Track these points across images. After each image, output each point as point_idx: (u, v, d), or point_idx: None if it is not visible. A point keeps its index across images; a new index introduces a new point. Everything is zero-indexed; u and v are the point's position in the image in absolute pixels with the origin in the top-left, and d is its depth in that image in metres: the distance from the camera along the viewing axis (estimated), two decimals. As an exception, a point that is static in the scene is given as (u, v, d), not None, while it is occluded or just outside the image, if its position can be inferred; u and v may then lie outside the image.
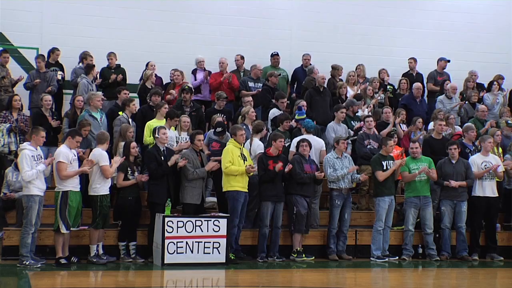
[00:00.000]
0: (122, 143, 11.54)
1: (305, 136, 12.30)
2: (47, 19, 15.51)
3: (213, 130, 12.44)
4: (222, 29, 16.48)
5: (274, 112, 13.55)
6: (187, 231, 10.91)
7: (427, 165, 12.29)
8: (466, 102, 15.53)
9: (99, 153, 10.87)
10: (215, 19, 16.52)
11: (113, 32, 15.73)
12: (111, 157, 11.15)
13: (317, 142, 12.46)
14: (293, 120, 13.01)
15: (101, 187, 10.83)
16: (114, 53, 14.66)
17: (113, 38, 15.60)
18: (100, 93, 13.11)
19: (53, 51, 14.63)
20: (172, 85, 14.43)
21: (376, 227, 12.11)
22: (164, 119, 12.24)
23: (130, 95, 13.25)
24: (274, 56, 15.85)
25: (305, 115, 13.04)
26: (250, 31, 16.60)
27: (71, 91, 14.32)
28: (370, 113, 14.05)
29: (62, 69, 14.57)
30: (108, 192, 10.94)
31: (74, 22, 15.56)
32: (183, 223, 10.93)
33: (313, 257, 11.93)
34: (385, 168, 12.13)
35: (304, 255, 11.77)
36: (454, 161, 12.48)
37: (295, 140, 12.28)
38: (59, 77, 14.17)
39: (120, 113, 12.56)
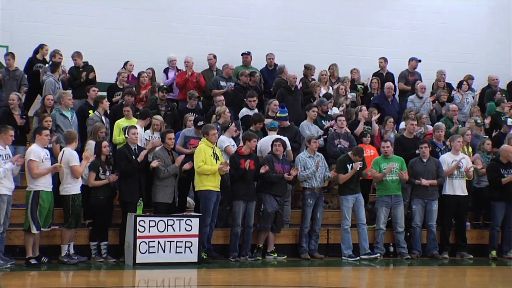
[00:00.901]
0: (91, 142, 11.46)
1: (275, 135, 12.33)
2: (17, 17, 15.35)
3: (187, 129, 12.38)
4: (195, 28, 16.44)
5: (243, 112, 13.56)
6: (159, 231, 10.87)
7: (399, 165, 12.37)
8: (436, 101, 15.68)
9: (69, 153, 10.78)
10: (188, 18, 16.48)
11: (84, 30, 15.60)
12: (81, 156, 11.07)
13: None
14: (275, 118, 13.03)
15: (72, 187, 10.74)
16: (79, 52, 14.46)
17: (84, 37, 15.47)
18: (70, 91, 13.00)
19: (41, 47, 14.45)
20: (142, 85, 14.35)
21: (343, 226, 12.18)
22: (134, 119, 12.18)
23: (100, 94, 13.14)
24: (245, 55, 15.86)
25: (287, 113, 13.06)
26: (223, 30, 16.59)
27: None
28: (342, 113, 14.11)
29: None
30: (80, 192, 10.85)
31: (45, 20, 15.42)
32: (155, 222, 10.89)
33: (285, 256, 11.96)
34: (349, 170, 12.18)
35: (276, 254, 11.79)
36: (425, 160, 12.59)
37: (262, 140, 12.29)
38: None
39: (91, 111, 12.47)
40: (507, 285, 10.72)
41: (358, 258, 12.11)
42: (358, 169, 12.08)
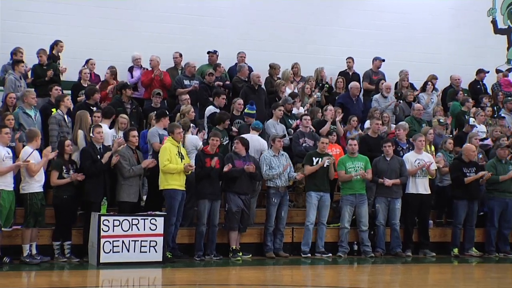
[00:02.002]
0: (81, 131, 11.36)
1: (245, 135, 12.34)
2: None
3: (153, 127, 12.31)
4: (160, 26, 16.34)
5: (210, 109, 13.54)
6: (123, 230, 10.80)
7: (363, 164, 12.46)
8: (401, 101, 15.82)
9: (25, 151, 10.64)
10: (153, 16, 16.39)
11: (48, 28, 15.41)
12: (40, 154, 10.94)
13: (260, 143, 12.54)
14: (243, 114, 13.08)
15: (31, 185, 10.60)
16: (44, 49, 14.33)
17: (49, 34, 15.27)
18: (33, 89, 12.85)
19: (56, 43, 14.43)
20: (106, 83, 14.24)
21: (305, 223, 12.25)
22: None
23: (65, 92, 13.02)
24: (211, 54, 15.84)
25: (255, 110, 13.08)
26: (189, 29, 16.53)
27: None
28: (307, 112, 14.17)
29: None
30: (41, 190, 10.71)
31: (9, 17, 15.20)
32: (119, 221, 10.81)
33: (250, 255, 11.97)
34: (315, 163, 12.25)
35: (241, 253, 11.81)
36: (388, 159, 12.70)
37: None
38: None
39: (54, 110, 12.35)
40: (469, 282, 10.87)
41: (321, 256, 12.20)
42: (325, 165, 12.13)
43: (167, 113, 12.33)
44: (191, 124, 12.56)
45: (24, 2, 15.42)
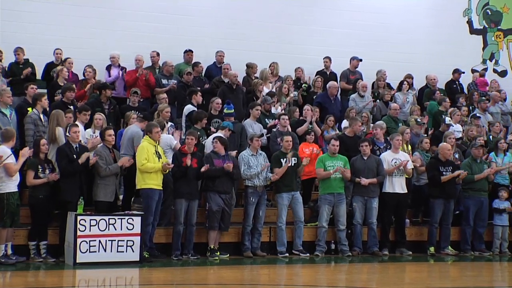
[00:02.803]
0: (60, 129, 11.28)
1: (218, 133, 12.34)
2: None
3: (132, 126, 12.25)
4: (137, 25, 16.29)
5: (189, 108, 13.52)
6: (100, 230, 10.75)
7: (342, 163, 12.51)
8: (378, 100, 15.91)
9: (3, 151, 10.54)
10: (130, 15, 16.33)
11: (25, 26, 15.31)
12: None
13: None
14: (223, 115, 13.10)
15: (7, 185, 10.49)
16: (22, 48, 14.23)
17: (25, 33, 15.19)
18: (8, 88, 12.74)
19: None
20: (85, 82, 14.17)
21: (278, 224, 12.27)
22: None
23: (39, 91, 12.90)
24: (187, 53, 15.81)
25: (233, 110, 13.08)
26: (166, 28, 16.49)
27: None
28: (284, 111, 14.19)
29: None
30: (16, 190, 10.61)
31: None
32: (96, 221, 10.76)
33: (228, 254, 11.97)
34: (284, 164, 12.28)
35: (218, 253, 11.80)
36: (365, 158, 12.75)
37: (210, 138, 12.30)
38: None
39: (30, 109, 12.24)
40: (444, 281, 10.94)
41: (300, 255, 12.23)
42: (292, 163, 12.14)
43: (149, 115, 12.27)
44: (170, 123, 12.54)
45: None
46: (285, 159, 12.28)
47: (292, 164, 12.26)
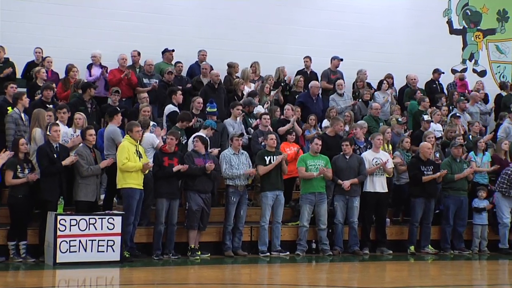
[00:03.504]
0: (39, 129, 11.20)
1: (199, 133, 12.33)
2: None
3: (110, 125, 12.20)
4: (119, 24, 16.23)
5: (169, 108, 13.49)
6: (80, 230, 10.71)
7: (324, 163, 12.53)
8: (360, 100, 15.96)
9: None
10: (112, 14, 16.27)
11: (5, 25, 15.19)
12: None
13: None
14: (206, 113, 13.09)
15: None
16: (3, 46, 14.14)
17: (6, 31, 15.07)
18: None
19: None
20: (67, 80, 14.09)
21: (260, 223, 12.28)
22: None
23: (19, 90, 12.80)
24: (168, 52, 15.78)
25: (216, 108, 13.07)
26: (147, 27, 16.43)
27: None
28: (266, 111, 14.21)
29: None
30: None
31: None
32: (77, 221, 10.71)
33: (209, 254, 11.96)
34: (267, 163, 12.30)
35: (199, 252, 11.79)
36: (347, 157, 12.79)
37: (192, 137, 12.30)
38: None
39: (9, 108, 12.15)
40: (425, 279, 11.00)
41: (279, 254, 12.26)
42: (283, 158, 12.18)
43: (118, 109, 12.25)
44: (153, 123, 12.49)
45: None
46: (269, 158, 12.29)
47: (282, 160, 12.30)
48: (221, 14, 17.15)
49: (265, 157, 12.32)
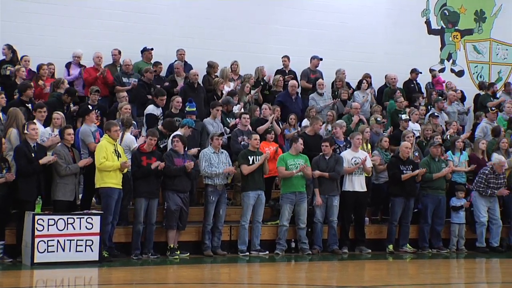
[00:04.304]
0: (13, 130, 11.12)
1: (177, 132, 12.32)
2: None
3: (83, 126, 12.13)
4: (99, 23, 16.14)
5: (149, 109, 13.46)
6: (58, 229, 10.64)
7: (304, 162, 12.56)
8: (339, 99, 16.01)
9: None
10: (92, 12, 16.16)
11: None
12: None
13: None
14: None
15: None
16: None
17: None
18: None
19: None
20: (38, 77, 13.97)
21: (241, 222, 12.29)
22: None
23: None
24: (147, 51, 15.73)
25: (195, 108, 13.05)
26: (127, 26, 16.36)
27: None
28: (242, 110, 14.21)
29: None
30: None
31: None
32: (55, 221, 10.65)
33: (188, 253, 11.94)
34: (251, 162, 12.31)
35: (179, 252, 11.76)
36: (327, 157, 12.82)
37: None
38: None
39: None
40: (403, 278, 11.07)
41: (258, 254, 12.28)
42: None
43: (90, 108, 12.20)
44: (133, 123, 12.45)
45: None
46: (253, 157, 12.29)
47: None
48: (202, 13, 17.11)
49: (249, 157, 12.33)
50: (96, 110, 12.92)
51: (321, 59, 16.90)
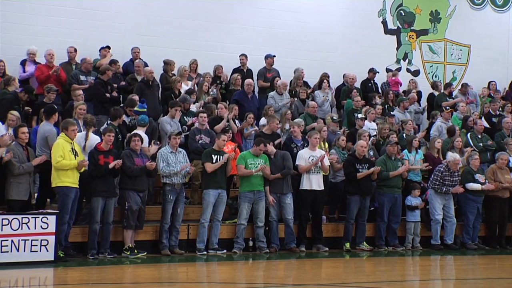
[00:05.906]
0: None
1: (137, 131, 12.24)
2: None
3: (43, 123, 11.99)
4: (54, 20, 15.95)
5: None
6: (12, 229, 10.51)
7: (263, 161, 12.59)
8: (296, 98, 16.08)
9: None
10: (47, 9, 15.97)
11: None
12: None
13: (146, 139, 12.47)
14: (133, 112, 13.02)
15: None
16: None
17: None
18: None
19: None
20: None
21: (200, 220, 12.27)
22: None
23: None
24: (104, 49, 15.59)
25: (145, 109, 12.99)
26: (83, 23, 16.20)
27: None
28: (203, 109, 14.18)
29: None
30: None
31: None
32: (9, 220, 10.51)
33: (145, 253, 11.87)
34: (214, 161, 12.30)
35: (136, 251, 11.69)
36: (272, 156, 12.83)
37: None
38: None
39: None
40: (360, 276, 11.15)
41: (216, 253, 12.27)
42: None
43: (56, 108, 12.07)
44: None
45: None
46: (216, 157, 12.26)
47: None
48: (159, 11, 17.03)
49: (212, 156, 12.30)
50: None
51: (274, 56, 16.93)
